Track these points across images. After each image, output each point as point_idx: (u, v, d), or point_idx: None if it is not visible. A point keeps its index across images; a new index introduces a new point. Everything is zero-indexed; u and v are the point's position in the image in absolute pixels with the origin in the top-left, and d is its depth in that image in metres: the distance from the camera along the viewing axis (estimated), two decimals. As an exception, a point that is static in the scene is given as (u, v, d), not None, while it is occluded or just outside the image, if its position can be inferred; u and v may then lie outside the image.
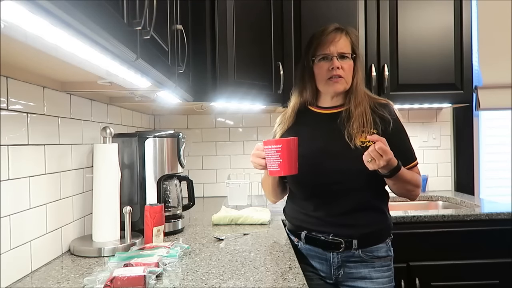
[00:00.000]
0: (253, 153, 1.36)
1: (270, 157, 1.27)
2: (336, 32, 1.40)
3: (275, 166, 1.26)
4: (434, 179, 2.59)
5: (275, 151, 1.25)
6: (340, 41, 1.38)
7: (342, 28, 1.41)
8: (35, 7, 0.52)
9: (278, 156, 1.25)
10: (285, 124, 1.47)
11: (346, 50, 1.39)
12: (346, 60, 1.38)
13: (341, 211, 1.34)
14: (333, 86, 1.39)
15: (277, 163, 1.25)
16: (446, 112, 2.61)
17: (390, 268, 1.38)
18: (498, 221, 1.86)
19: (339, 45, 1.38)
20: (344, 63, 1.38)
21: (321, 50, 1.39)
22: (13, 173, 1.03)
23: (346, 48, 1.39)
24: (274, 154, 1.25)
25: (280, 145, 1.24)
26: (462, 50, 2.19)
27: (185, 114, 2.53)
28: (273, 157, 1.26)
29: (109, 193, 1.35)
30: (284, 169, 1.25)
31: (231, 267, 1.13)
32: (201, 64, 1.83)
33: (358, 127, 1.32)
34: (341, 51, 1.38)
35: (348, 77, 1.39)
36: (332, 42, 1.38)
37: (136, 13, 0.85)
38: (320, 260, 1.38)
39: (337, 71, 1.37)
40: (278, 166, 1.25)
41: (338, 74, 1.37)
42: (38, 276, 1.08)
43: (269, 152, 1.27)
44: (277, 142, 1.26)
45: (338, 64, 1.37)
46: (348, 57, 1.39)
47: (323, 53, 1.39)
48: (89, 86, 1.30)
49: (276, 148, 1.25)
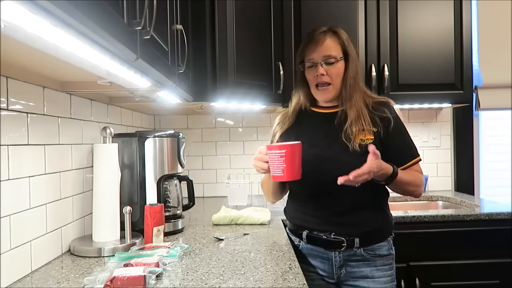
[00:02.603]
0: (256, 157, 1.33)
1: (273, 162, 1.24)
2: (319, 35, 1.37)
3: (278, 171, 1.24)
4: (434, 179, 2.59)
5: (279, 156, 1.22)
6: (324, 44, 1.36)
7: (329, 30, 1.39)
8: (35, 7, 0.52)
9: (282, 161, 1.22)
10: (285, 123, 1.47)
11: (332, 52, 1.36)
12: (333, 65, 1.36)
13: (342, 210, 1.34)
14: (321, 95, 1.40)
15: (281, 168, 1.23)
16: (446, 112, 2.62)
17: (392, 267, 1.38)
18: (498, 221, 1.86)
19: (323, 49, 1.36)
20: (330, 68, 1.36)
21: (307, 56, 1.39)
22: (13, 173, 1.03)
23: (332, 50, 1.36)
24: (278, 159, 1.23)
25: (284, 150, 1.22)
26: (462, 50, 2.19)
27: (185, 114, 2.53)
28: (276, 162, 1.23)
29: (109, 193, 1.35)
30: (287, 174, 1.23)
31: (231, 267, 1.13)
32: (201, 64, 1.83)
33: (356, 128, 1.32)
34: (326, 55, 1.35)
35: (336, 82, 1.37)
36: (316, 47, 1.36)
37: (136, 13, 0.85)
38: (322, 260, 1.38)
39: (322, 78, 1.36)
40: (281, 171, 1.23)
41: (323, 81, 1.36)
42: (38, 276, 1.08)
43: (273, 157, 1.24)
44: (281, 147, 1.23)
45: (322, 71, 1.35)
46: (334, 61, 1.36)
47: (308, 60, 1.38)
48: (89, 86, 1.30)
49: (280, 153, 1.22)
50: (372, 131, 1.33)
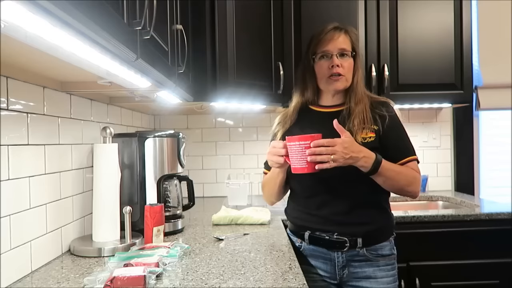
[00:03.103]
0: (271, 151, 1.31)
1: (296, 154, 1.22)
2: (335, 30, 1.41)
3: (302, 162, 1.21)
4: (434, 179, 2.59)
5: (303, 148, 1.20)
6: (339, 39, 1.40)
7: (341, 27, 1.43)
8: (35, 7, 0.52)
9: (305, 153, 1.19)
10: (286, 123, 1.47)
11: (346, 47, 1.40)
12: (346, 58, 1.40)
13: (344, 209, 1.34)
14: (333, 84, 1.40)
15: (305, 160, 1.20)
16: (446, 112, 2.61)
17: (394, 267, 1.38)
18: (498, 221, 1.85)
19: (338, 42, 1.39)
20: (344, 61, 1.39)
21: (320, 48, 1.40)
22: (13, 173, 1.03)
23: (346, 45, 1.40)
24: (302, 150, 1.20)
25: (308, 141, 1.19)
26: (462, 50, 2.19)
27: (185, 114, 2.53)
28: (300, 154, 1.21)
29: (109, 193, 1.35)
30: (311, 165, 1.20)
31: (231, 267, 1.13)
32: (201, 64, 1.83)
33: (358, 123, 1.33)
34: (341, 48, 1.39)
35: (348, 75, 1.40)
36: (331, 40, 1.39)
37: (136, 13, 0.85)
38: (324, 260, 1.38)
39: (337, 69, 1.37)
40: (305, 162, 1.20)
41: (338, 72, 1.38)
42: (38, 276, 1.08)
43: (296, 149, 1.22)
44: (305, 138, 1.20)
45: (338, 61, 1.38)
46: (348, 55, 1.40)
47: (322, 51, 1.40)
48: (89, 86, 1.30)
49: (304, 144, 1.20)
50: (373, 129, 1.34)
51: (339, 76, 1.38)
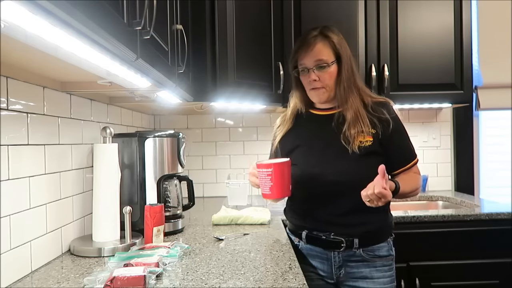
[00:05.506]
0: (250, 172, 1.38)
1: (262, 180, 1.27)
2: (311, 39, 1.36)
3: (266, 189, 1.26)
4: (434, 179, 2.59)
5: (266, 175, 1.25)
6: (315, 49, 1.35)
7: (320, 33, 1.37)
8: (35, 7, 0.52)
9: (269, 180, 1.25)
10: (285, 126, 1.48)
11: (323, 57, 1.34)
12: (325, 69, 1.35)
13: (341, 212, 1.34)
14: (316, 97, 1.41)
15: (268, 187, 1.25)
16: (446, 112, 2.61)
17: (391, 268, 1.38)
18: (498, 221, 1.85)
19: (314, 53, 1.35)
20: (322, 73, 1.35)
21: (299, 61, 1.39)
22: (13, 173, 1.03)
23: (324, 54, 1.35)
24: (265, 177, 1.25)
25: (270, 169, 1.24)
26: (462, 50, 2.19)
27: (185, 114, 2.53)
28: (264, 180, 1.26)
29: (109, 193, 1.35)
30: (275, 192, 1.25)
31: (231, 267, 1.13)
32: (201, 64, 1.83)
33: (356, 133, 1.32)
34: (317, 59, 1.34)
35: (330, 85, 1.37)
36: (307, 52, 1.35)
37: (136, 13, 0.85)
38: (321, 260, 1.38)
39: (314, 84, 1.37)
40: (269, 189, 1.25)
41: (316, 86, 1.37)
42: (38, 276, 1.08)
43: (261, 175, 1.27)
44: (268, 166, 1.24)
45: (314, 76, 1.35)
46: (326, 65, 1.35)
47: (300, 64, 1.39)
48: (89, 86, 1.30)
49: (267, 172, 1.24)
50: (371, 132, 1.33)
51: (320, 88, 1.37)
